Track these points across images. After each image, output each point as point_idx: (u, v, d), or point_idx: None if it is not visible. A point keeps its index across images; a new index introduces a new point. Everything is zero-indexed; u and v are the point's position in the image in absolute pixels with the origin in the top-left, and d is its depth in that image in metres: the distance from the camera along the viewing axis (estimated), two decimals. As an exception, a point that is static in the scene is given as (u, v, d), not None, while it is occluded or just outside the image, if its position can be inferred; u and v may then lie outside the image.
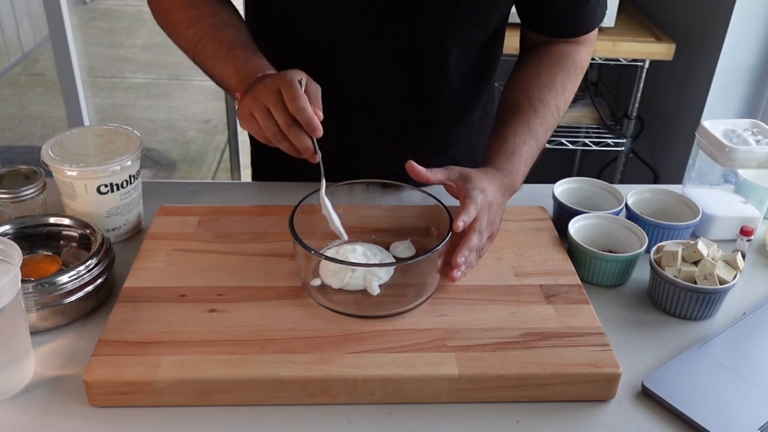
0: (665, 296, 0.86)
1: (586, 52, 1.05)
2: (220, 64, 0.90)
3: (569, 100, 1.01)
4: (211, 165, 3.33)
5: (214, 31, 0.92)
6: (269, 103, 0.79)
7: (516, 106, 0.98)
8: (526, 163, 0.94)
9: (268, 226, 0.94)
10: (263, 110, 0.80)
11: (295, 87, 0.78)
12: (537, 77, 1.00)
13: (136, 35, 4.65)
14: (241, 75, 0.87)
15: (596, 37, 1.07)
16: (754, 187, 1.02)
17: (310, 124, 0.78)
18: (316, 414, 0.72)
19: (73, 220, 0.89)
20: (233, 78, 0.88)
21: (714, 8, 1.85)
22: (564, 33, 1.03)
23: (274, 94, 0.79)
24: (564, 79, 1.00)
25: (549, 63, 1.01)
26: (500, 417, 0.72)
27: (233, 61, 0.89)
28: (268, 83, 0.80)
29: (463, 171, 0.87)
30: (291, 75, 0.80)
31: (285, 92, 0.78)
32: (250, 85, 0.84)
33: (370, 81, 1.01)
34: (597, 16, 1.03)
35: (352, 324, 0.78)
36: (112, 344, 0.74)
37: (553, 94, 0.98)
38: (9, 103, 3.75)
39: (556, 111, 0.99)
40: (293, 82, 0.79)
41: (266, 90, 0.80)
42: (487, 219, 0.85)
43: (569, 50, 1.02)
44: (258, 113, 0.80)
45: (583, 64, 1.04)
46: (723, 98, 1.90)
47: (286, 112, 0.78)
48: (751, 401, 0.74)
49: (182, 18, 0.95)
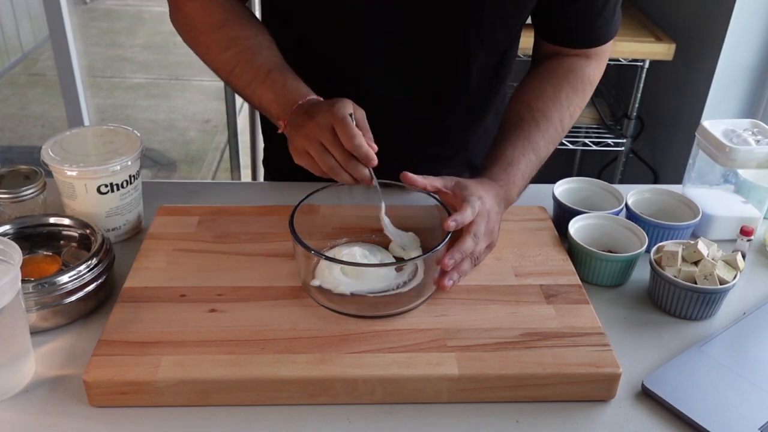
0: (665, 296, 0.86)
1: (596, 67, 1.03)
2: (258, 89, 0.90)
3: (575, 114, 1.00)
4: (211, 165, 3.33)
5: (250, 56, 0.92)
6: (325, 142, 0.80)
7: (518, 118, 0.97)
8: (523, 176, 0.93)
9: (268, 226, 0.94)
10: (318, 147, 0.81)
11: (349, 124, 0.79)
12: (542, 90, 0.99)
13: (136, 35, 4.65)
14: (281, 101, 0.88)
15: (609, 53, 1.06)
16: (754, 187, 1.02)
17: (368, 158, 0.79)
18: (316, 414, 0.72)
19: (73, 220, 0.89)
20: (273, 104, 0.89)
21: (714, 8, 1.85)
22: (577, 43, 1.02)
23: (328, 132, 0.80)
24: (570, 93, 0.99)
25: (556, 76, 1.00)
26: (500, 417, 0.72)
27: (272, 87, 0.89)
28: (320, 121, 0.80)
29: (460, 180, 0.87)
30: (342, 110, 0.80)
31: (340, 130, 0.79)
32: (294, 113, 0.85)
33: (391, 85, 1.01)
34: (611, 29, 1.02)
35: (352, 324, 0.78)
36: (112, 344, 0.74)
37: (558, 108, 0.98)
38: (9, 103, 3.75)
39: (560, 124, 0.98)
40: (346, 119, 0.79)
41: (319, 128, 0.80)
42: (486, 227, 0.84)
43: (578, 64, 1.01)
44: (314, 151, 0.81)
45: (593, 79, 1.02)
46: (723, 98, 1.90)
47: (343, 149, 0.80)
48: (751, 401, 0.74)
49: (215, 41, 0.94)
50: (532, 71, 1.04)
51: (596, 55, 1.03)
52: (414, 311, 0.80)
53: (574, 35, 1.02)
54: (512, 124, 0.97)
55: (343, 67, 1.01)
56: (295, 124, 0.84)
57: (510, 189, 0.91)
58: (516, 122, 0.97)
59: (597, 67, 1.04)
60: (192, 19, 0.96)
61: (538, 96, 0.99)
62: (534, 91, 1.00)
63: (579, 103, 1.00)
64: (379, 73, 1.00)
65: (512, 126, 0.97)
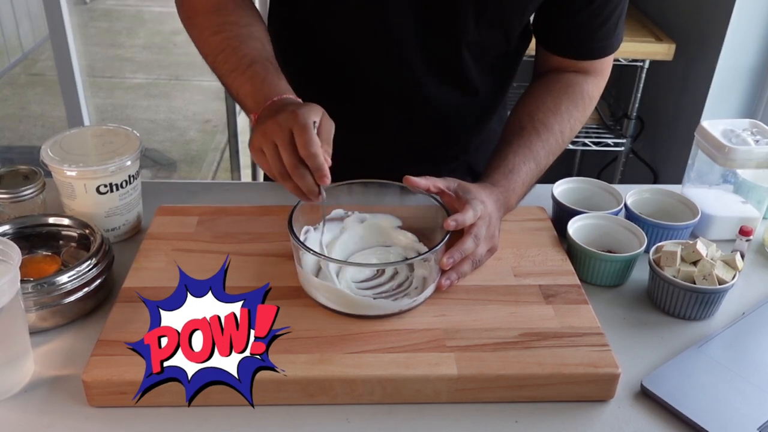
0: (664, 296, 0.86)
1: (595, 83, 1.03)
2: (238, 79, 0.89)
3: (576, 128, 1.01)
4: (211, 165, 3.33)
5: (238, 44, 0.90)
6: (278, 142, 0.76)
7: (520, 127, 0.98)
8: (523, 183, 0.94)
9: (268, 226, 0.94)
10: (272, 147, 0.77)
11: (308, 130, 0.75)
12: (543, 101, 1.00)
13: (136, 35, 4.65)
14: (257, 96, 0.85)
15: (609, 70, 1.06)
16: (753, 187, 1.02)
17: (320, 171, 0.75)
18: (316, 414, 0.72)
19: (72, 220, 0.89)
20: (249, 98, 0.87)
21: (714, 8, 1.85)
22: (576, 54, 1.02)
23: (285, 133, 0.76)
24: (570, 106, 0.99)
25: (556, 90, 1.01)
26: (499, 417, 0.72)
27: (251, 80, 0.87)
28: (281, 120, 0.77)
29: (462, 182, 0.87)
30: (305, 115, 0.76)
31: (297, 135, 0.75)
32: (264, 110, 0.82)
33: (392, 85, 1.00)
34: (612, 43, 1.02)
35: (351, 324, 0.78)
36: (111, 344, 0.74)
37: (558, 119, 0.98)
38: (9, 103, 3.75)
39: (560, 136, 0.98)
40: (307, 125, 0.75)
41: (278, 128, 0.77)
42: (487, 231, 0.84)
43: (578, 80, 1.02)
44: (267, 149, 0.78)
45: (592, 95, 1.03)
46: (723, 98, 1.90)
47: (294, 153, 0.76)
48: (750, 401, 0.74)
49: (208, 23, 0.93)
50: (532, 85, 1.05)
51: (595, 71, 1.04)
52: (413, 311, 0.80)
53: (574, 47, 1.02)
54: (514, 132, 0.97)
55: (344, 69, 1.00)
56: (260, 120, 0.81)
57: (510, 196, 0.92)
58: (518, 131, 0.97)
59: (596, 83, 1.04)
60: (193, 1, 0.96)
61: (538, 107, 0.99)
62: (535, 102, 1.00)
63: (579, 117, 1.01)
64: (379, 75, 1.00)
65: (514, 134, 0.97)
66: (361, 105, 1.02)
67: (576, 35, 1.01)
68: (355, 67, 1.00)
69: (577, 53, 1.02)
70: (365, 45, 0.98)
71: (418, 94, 1.02)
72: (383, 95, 1.02)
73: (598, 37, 1.00)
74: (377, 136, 1.05)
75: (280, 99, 0.83)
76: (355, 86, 1.01)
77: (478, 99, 1.06)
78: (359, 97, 1.02)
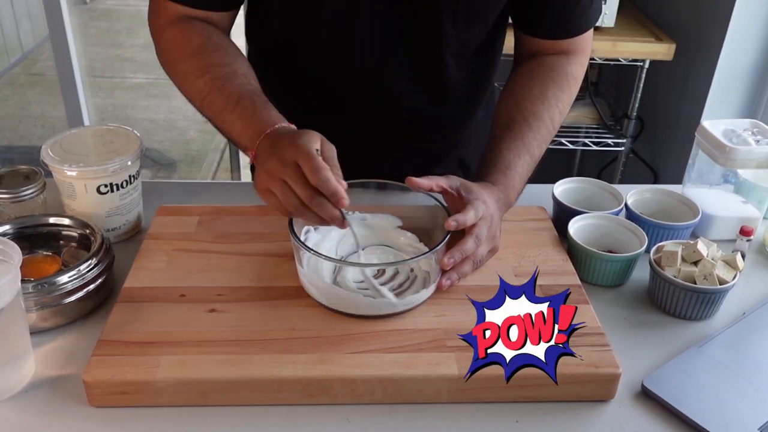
0: (665, 296, 0.86)
1: (577, 62, 1.03)
2: (228, 119, 0.87)
3: (564, 111, 1.00)
4: (211, 165, 3.33)
5: (222, 84, 0.89)
6: (287, 178, 0.75)
7: (509, 120, 0.97)
8: (521, 179, 0.93)
9: (268, 226, 0.93)
10: (281, 185, 0.75)
11: (314, 158, 0.74)
12: (529, 89, 0.99)
13: (136, 35, 4.64)
14: (249, 132, 0.84)
15: (590, 47, 1.05)
16: (753, 187, 1.02)
17: (336, 194, 0.74)
18: (316, 414, 0.72)
19: (72, 220, 0.89)
20: (242, 136, 0.86)
21: (714, 8, 1.85)
22: (554, 34, 1.01)
23: (291, 167, 0.74)
24: (556, 91, 0.99)
25: (540, 75, 1.00)
26: (500, 417, 0.72)
27: (240, 116, 0.86)
28: (283, 156, 0.75)
29: (464, 181, 0.87)
30: (307, 145, 0.75)
31: (304, 165, 0.74)
32: (261, 145, 0.80)
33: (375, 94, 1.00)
34: (589, 19, 1.01)
35: (351, 324, 0.78)
36: (112, 344, 0.74)
37: (546, 106, 0.97)
38: (9, 103, 3.75)
39: (551, 123, 0.97)
40: (311, 153, 0.74)
41: (282, 164, 0.75)
42: (489, 231, 0.84)
43: (560, 62, 1.01)
44: (276, 188, 0.76)
45: (576, 74, 1.02)
46: (723, 98, 1.90)
47: (306, 184, 0.74)
48: (750, 401, 0.74)
49: (191, 68, 0.92)
50: (515, 72, 1.04)
51: (576, 50, 1.03)
52: (414, 311, 0.80)
53: (551, 26, 1.01)
54: (504, 125, 0.97)
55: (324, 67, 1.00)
56: (260, 158, 0.79)
57: (510, 193, 0.91)
58: (508, 123, 0.97)
59: (578, 62, 1.03)
60: (171, 47, 0.95)
61: (526, 96, 0.98)
62: (521, 90, 1.00)
63: (566, 99, 1.00)
64: (362, 74, 1.00)
65: (504, 127, 0.97)
66: (350, 115, 1.02)
67: (553, 14, 1.00)
68: (337, 80, 1.00)
69: (556, 33, 1.01)
70: (345, 59, 0.98)
71: (402, 101, 1.02)
72: (368, 105, 1.02)
73: (576, 14, 1.00)
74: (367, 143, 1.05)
75: (273, 130, 0.82)
76: (339, 98, 1.01)
77: (461, 98, 1.06)
78: (346, 107, 1.02)
